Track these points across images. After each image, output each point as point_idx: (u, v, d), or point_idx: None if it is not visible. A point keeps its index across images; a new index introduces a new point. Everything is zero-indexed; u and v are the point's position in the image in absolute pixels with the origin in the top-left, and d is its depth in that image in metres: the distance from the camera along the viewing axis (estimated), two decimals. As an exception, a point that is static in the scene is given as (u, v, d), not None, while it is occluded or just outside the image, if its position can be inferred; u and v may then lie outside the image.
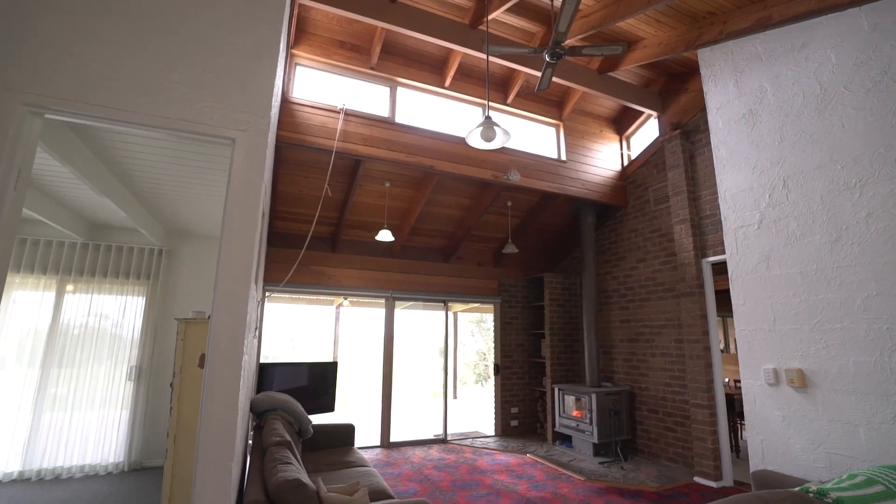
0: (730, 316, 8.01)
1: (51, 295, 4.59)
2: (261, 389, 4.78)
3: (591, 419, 5.18)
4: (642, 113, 5.76)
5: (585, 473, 4.59)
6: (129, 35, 1.85)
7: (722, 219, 3.49)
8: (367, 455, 5.31)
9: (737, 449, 5.24)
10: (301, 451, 3.79)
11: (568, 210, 6.21)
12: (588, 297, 5.83)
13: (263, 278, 5.30)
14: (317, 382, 5.23)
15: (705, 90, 3.73)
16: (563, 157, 5.60)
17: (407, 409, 9.10)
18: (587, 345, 5.72)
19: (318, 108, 4.35)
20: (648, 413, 5.27)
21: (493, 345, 6.75)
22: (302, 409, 3.92)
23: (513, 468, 4.82)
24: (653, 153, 5.59)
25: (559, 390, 5.83)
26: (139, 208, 4.12)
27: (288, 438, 2.90)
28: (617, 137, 6.14)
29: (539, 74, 4.29)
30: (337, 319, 10.15)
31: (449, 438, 6.13)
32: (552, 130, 5.75)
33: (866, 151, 2.60)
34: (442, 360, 6.45)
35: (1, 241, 1.58)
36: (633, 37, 4.38)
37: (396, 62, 4.80)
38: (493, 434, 6.42)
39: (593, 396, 5.19)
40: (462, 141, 4.90)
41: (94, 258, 4.78)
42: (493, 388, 6.64)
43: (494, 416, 6.51)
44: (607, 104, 5.83)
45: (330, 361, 5.38)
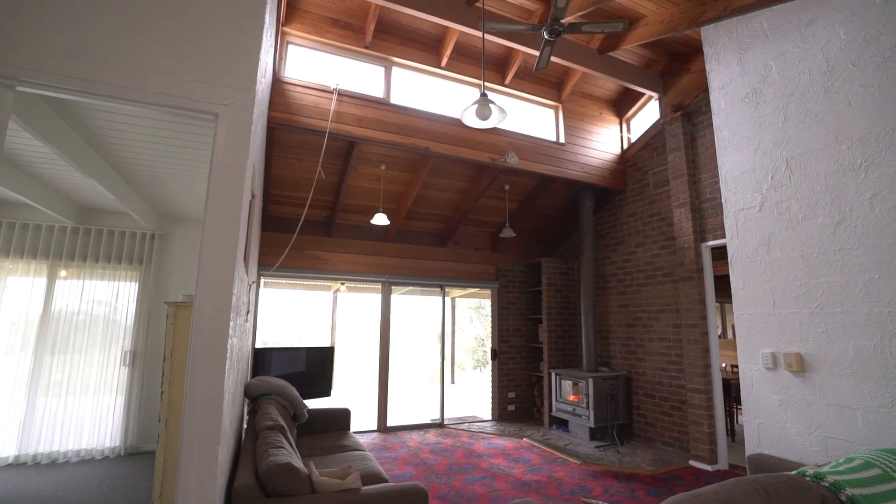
0: (727, 301, 7.99)
1: (42, 280, 4.53)
2: (256, 374, 4.76)
3: (588, 404, 5.18)
4: (643, 95, 5.65)
5: (581, 457, 4.60)
6: (104, 4, 1.76)
7: (722, 201, 3.42)
8: (364, 439, 5.32)
9: (732, 433, 5.25)
10: (296, 436, 3.78)
11: (566, 194, 6.13)
12: (586, 282, 5.79)
13: (258, 262, 5.24)
14: (313, 367, 5.21)
15: (708, 69, 3.63)
16: (562, 140, 5.50)
17: (405, 394, 9.13)
18: (584, 330, 5.69)
19: (311, 89, 4.24)
20: (645, 398, 5.27)
21: (491, 330, 6.74)
22: (297, 394, 3.90)
23: (509, 452, 4.83)
24: (653, 136, 5.50)
25: (556, 375, 5.82)
26: (129, 191, 4.03)
27: (281, 423, 2.87)
28: (617, 120, 6.03)
29: (537, 54, 4.17)
30: (334, 305, 10.13)
31: (446, 423, 6.14)
32: (551, 112, 5.64)
33: (873, 130, 2.53)
34: (439, 346, 6.44)
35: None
36: (635, 14, 4.25)
37: (391, 41, 4.67)
38: (490, 419, 6.44)
39: (590, 381, 5.18)
40: (459, 122, 4.80)
41: (86, 243, 4.71)
42: (491, 373, 6.64)
43: (491, 401, 6.52)
44: (607, 85, 5.71)
45: (326, 346, 5.36)
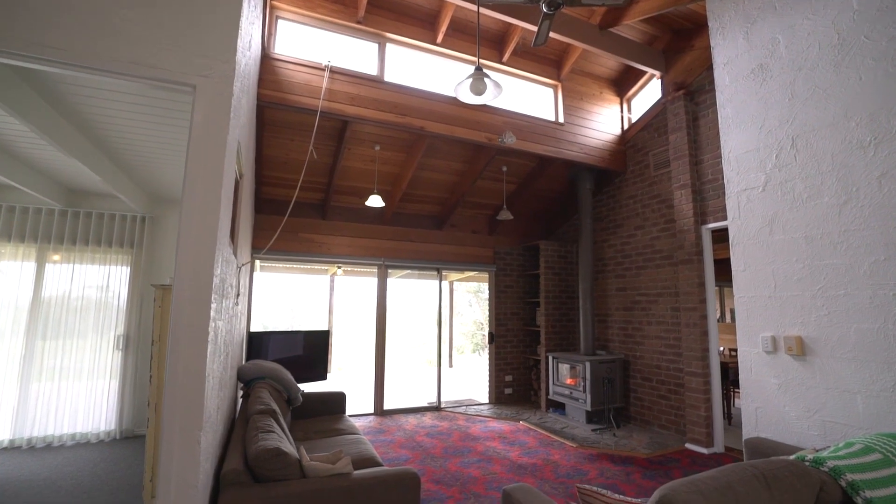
0: (726, 285, 7.94)
1: (31, 265, 4.45)
2: (251, 358, 4.72)
3: (585, 387, 5.17)
4: (644, 73, 5.50)
5: (577, 440, 4.60)
6: (72, -33, 1.64)
7: (725, 182, 3.33)
8: (361, 423, 5.32)
9: (728, 416, 5.25)
10: (290, 420, 3.75)
11: (565, 176, 6.02)
12: (584, 265, 5.73)
13: (252, 245, 5.17)
14: (309, 351, 5.18)
15: (713, 44, 3.50)
16: (561, 120, 5.37)
17: (402, 378, 9.15)
18: (582, 313, 5.65)
19: (302, 65, 4.10)
20: (642, 381, 5.26)
21: (487, 308, 6.70)
22: (291, 377, 3.86)
23: (505, 435, 4.83)
24: (654, 116, 5.37)
25: (553, 358, 5.80)
26: (115, 172, 3.92)
27: (273, 407, 2.83)
28: (617, 100, 5.89)
29: (536, 29, 4.03)
30: (332, 289, 10.09)
31: (443, 406, 6.14)
32: (550, 91, 5.50)
33: (884, 106, 2.43)
34: (436, 329, 6.40)
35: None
36: (638, -13, 4.10)
37: (385, 16, 4.51)
38: (487, 402, 6.45)
39: (587, 365, 5.15)
40: (454, 101, 4.67)
41: (75, 226, 4.62)
42: (488, 357, 6.62)
43: (488, 385, 6.52)
44: (608, 63, 5.56)
45: (322, 330, 5.31)
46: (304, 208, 5.60)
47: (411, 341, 12.65)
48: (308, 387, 4.87)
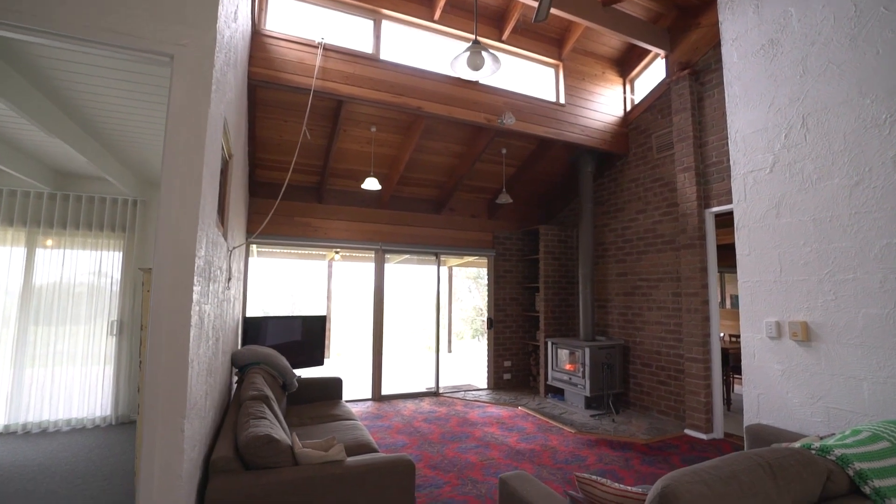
0: (727, 271, 7.85)
1: (21, 250, 4.36)
2: (247, 344, 4.67)
3: (584, 373, 5.13)
4: (648, 53, 5.33)
5: (576, 426, 4.57)
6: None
7: (731, 163, 3.23)
8: (358, 408, 5.30)
9: (728, 402, 5.22)
10: (286, 405, 3.71)
11: (566, 158, 5.90)
12: (584, 250, 5.64)
13: (247, 229, 5.08)
14: (306, 336, 5.13)
15: (721, 19, 3.36)
16: (562, 101, 5.23)
17: (401, 364, 9.15)
18: (582, 298, 5.59)
19: (294, 42, 3.96)
20: (642, 367, 5.22)
21: (486, 294, 6.64)
22: (286, 363, 3.81)
23: (504, 421, 4.81)
24: (658, 97, 5.23)
25: (552, 344, 5.76)
26: (102, 152, 3.81)
27: (266, 392, 2.78)
28: (620, 80, 5.73)
29: (536, 4, 3.87)
30: (330, 274, 10.03)
31: (441, 391, 6.12)
32: (551, 71, 5.35)
33: (901, 82, 2.31)
34: (434, 314, 6.35)
35: None
36: (643, -40, 3.93)
37: (381, -9, 4.35)
38: (486, 387, 6.43)
39: (587, 350, 5.11)
40: (453, 80, 4.54)
41: (65, 209, 4.52)
42: (487, 343, 6.58)
43: (487, 370, 6.49)
44: (611, 42, 5.39)
45: (319, 315, 5.25)
46: (300, 192, 5.50)
47: (410, 327, 12.64)
48: (305, 372, 4.83)
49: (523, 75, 5.17)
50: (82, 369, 4.51)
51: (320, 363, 5.18)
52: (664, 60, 5.09)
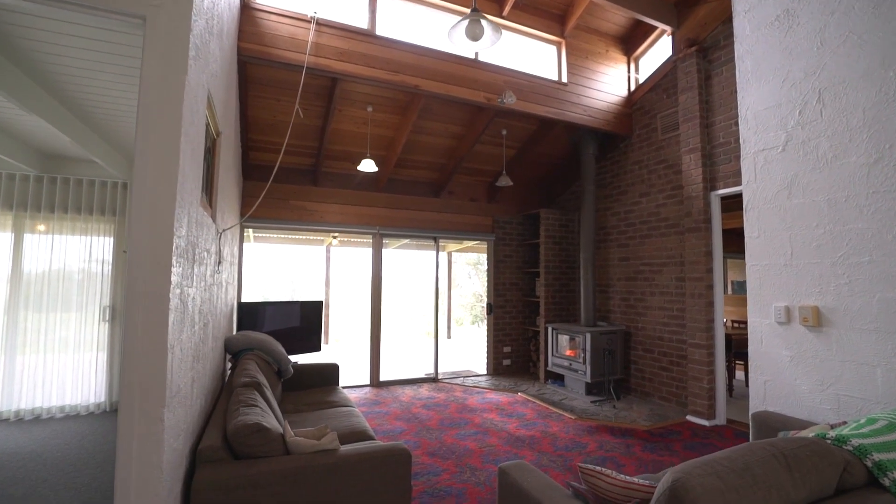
0: (729, 256, 7.77)
1: (7, 235, 4.24)
2: (242, 329, 4.58)
3: (585, 358, 5.06)
4: (654, 30, 5.15)
5: (576, 412, 4.52)
6: None
7: (740, 142, 3.10)
8: (356, 394, 5.24)
9: (730, 388, 5.17)
10: (280, 392, 3.64)
11: (567, 140, 5.75)
12: (586, 234, 5.53)
13: (241, 213, 4.97)
14: (302, 322, 5.04)
15: (733, -10, 3.19)
16: (564, 80, 5.06)
17: (401, 350, 9.10)
18: (583, 283, 5.49)
19: (286, 16, 3.79)
20: (643, 353, 5.14)
21: (486, 280, 6.55)
22: (281, 349, 3.73)
23: (503, 407, 4.75)
24: (663, 75, 5.06)
25: (553, 330, 5.68)
26: (86, 132, 3.67)
27: (258, 379, 2.70)
28: (624, 59, 5.55)
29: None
30: (328, 260, 9.93)
31: (440, 377, 6.07)
32: (553, 49, 5.17)
33: (927, 51, 2.18)
34: (433, 300, 6.26)
35: None
36: (652, -72, 3.74)
37: (376, -37, 4.16)
38: (485, 373, 6.37)
39: (587, 336, 5.03)
40: (451, 58, 4.37)
41: (52, 193, 4.39)
42: (486, 328, 6.51)
43: (487, 356, 6.43)
44: (615, 19, 5.20)
45: (315, 300, 5.16)
46: (295, 174, 5.36)
47: (410, 313, 12.59)
48: (302, 358, 4.76)
49: (524, 53, 4.99)
50: (75, 356, 4.43)
51: (317, 349, 5.10)
52: (670, 37, 4.91)
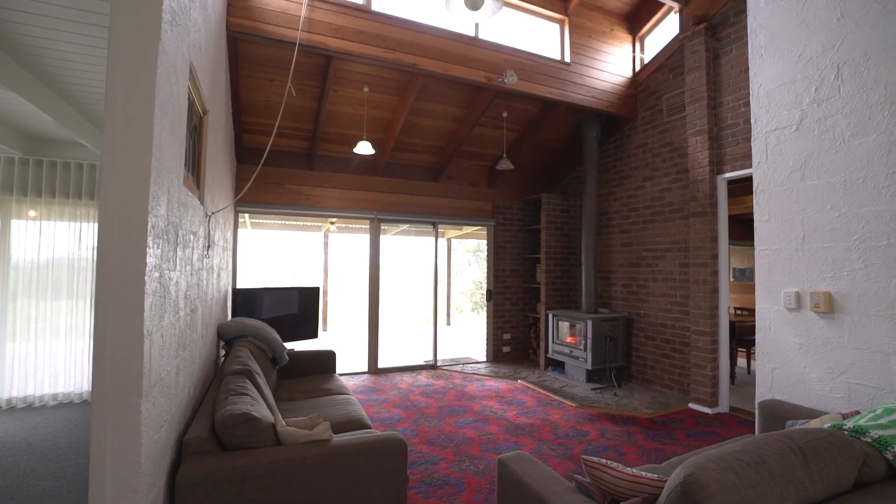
0: (731, 243, 7.68)
1: (-5, 217, 4.14)
2: (236, 316, 4.49)
3: (586, 345, 4.98)
4: (661, 7, 4.97)
5: (577, 400, 4.45)
6: None
7: (752, 121, 2.96)
8: (354, 382, 5.17)
9: (732, 376, 5.10)
10: (276, 380, 3.56)
11: (570, 123, 5.59)
12: (588, 220, 5.41)
13: (235, 198, 4.85)
14: (298, 309, 4.95)
15: (746, -40, 3.03)
16: (567, 59, 4.90)
17: (399, 337, 9.04)
18: (585, 270, 5.39)
19: (277, -10, 3.62)
20: (645, 340, 5.07)
21: (485, 267, 6.45)
22: (276, 335, 3.64)
23: (503, 394, 4.69)
24: (670, 55, 4.89)
25: (553, 316, 5.60)
26: (68, 111, 3.53)
27: (250, 366, 2.61)
28: (629, 38, 5.37)
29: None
30: (326, 246, 9.82)
31: (439, 364, 6.01)
32: (555, 27, 4.99)
33: (957, 20, 2.04)
34: (432, 286, 6.17)
35: None
36: None
37: (372, -66, 3.97)
38: (485, 360, 6.31)
39: (589, 323, 4.94)
40: (450, 36, 4.21)
41: (38, 176, 4.25)
42: (486, 315, 6.43)
43: (486, 343, 6.36)
44: (621, -4, 5.02)
45: (312, 287, 5.07)
46: (290, 158, 5.22)
47: (409, 300, 12.52)
48: (299, 345, 4.68)
49: (526, 31, 4.82)
50: (67, 343, 4.35)
51: (314, 336, 5.02)
52: (678, 15, 4.74)
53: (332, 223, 8.71)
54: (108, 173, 1.34)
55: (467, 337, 8.94)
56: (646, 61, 5.30)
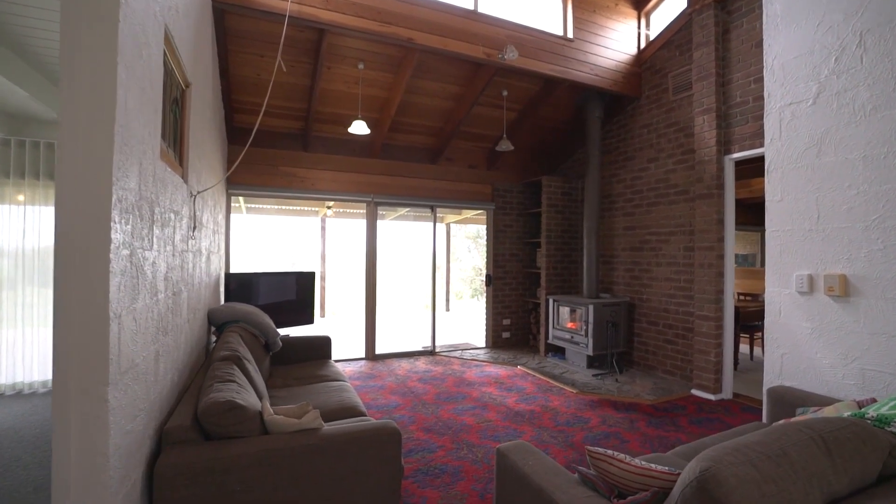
0: (737, 228, 7.57)
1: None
2: (229, 301, 4.39)
3: (587, 331, 4.89)
4: (669, -20, 4.76)
5: (578, 386, 4.37)
6: None
7: (765, 96, 2.82)
8: (351, 368, 5.09)
9: (735, 362, 5.01)
10: (268, 366, 3.47)
11: (572, 102, 5.42)
12: (590, 203, 5.28)
13: (228, 180, 4.71)
14: (294, 294, 4.85)
15: (762, -77, 2.85)
16: (570, 35, 4.71)
17: (398, 323, 8.97)
18: (586, 254, 5.27)
19: (265, -42, 3.43)
20: (648, 325, 4.97)
21: (485, 252, 6.33)
22: (269, 321, 3.54)
23: (502, 380, 4.60)
24: (677, 31, 4.70)
25: (554, 301, 5.49)
26: (48, 87, 3.37)
27: (239, 352, 2.51)
28: (635, 13, 5.17)
29: None
30: (323, 231, 9.68)
31: (437, 350, 5.92)
32: (558, 1, 4.79)
33: None
34: (430, 270, 6.05)
35: None
36: None
37: None
38: (484, 346, 6.23)
39: (590, 308, 4.84)
40: (449, 9, 4.02)
41: (21, 157, 4.09)
42: (485, 300, 6.33)
43: (485, 328, 6.28)
44: (627, -32, 4.81)
45: (307, 272, 4.95)
46: (283, 138, 5.06)
47: (408, 286, 12.43)
48: (295, 331, 4.59)
49: (527, 5, 4.62)
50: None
51: (310, 322, 4.92)
52: (686, -12, 4.54)
53: (329, 207, 8.57)
54: (66, 135, 1.21)
55: (466, 323, 8.86)
56: (651, 38, 5.11)
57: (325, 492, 1.82)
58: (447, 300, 11.00)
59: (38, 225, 4.16)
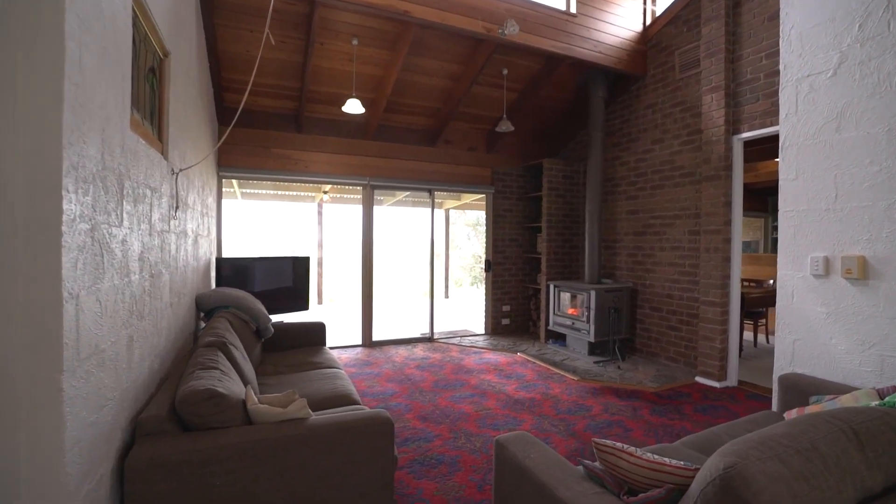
0: (743, 215, 7.40)
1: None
2: (220, 286, 4.26)
3: (589, 317, 4.77)
4: (677, -49, 4.54)
5: (579, 373, 4.27)
6: None
7: (781, 68, 2.66)
8: (347, 355, 4.99)
9: (740, 348, 4.91)
10: (260, 353, 3.35)
11: (574, 82, 5.23)
12: (592, 186, 5.12)
13: (219, 163, 4.56)
14: (288, 279, 4.72)
15: None
16: (573, 10, 4.51)
17: (396, 309, 8.86)
18: (588, 239, 5.14)
19: (251, -78, 3.23)
20: (651, 311, 4.86)
21: (485, 240, 6.19)
22: (260, 306, 3.42)
23: (501, 367, 4.50)
24: (684, 6, 4.50)
25: (555, 287, 5.37)
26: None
27: (225, 338, 2.39)
28: (641, -12, 4.96)
29: None
30: (320, 216, 9.53)
31: (436, 337, 5.82)
32: (562, -26, 4.59)
33: None
34: (429, 256, 5.92)
35: None
36: None
37: None
38: (483, 333, 6.13)
39: (592, 293, 4.72)
40: (447, -21, 3.82)
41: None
42: (485, 286, 6.21)
43: (485, 315, 6.17)
44: (634, -61, 4.59)
45: (302, 256, 4.82)
46: (276, 119, 4.89)
47: (406, 272, 12.32)
48: (290, 318, 4.47)
49: (529, -23, 4.41)
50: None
51: (305, 308, 4.80)
52: (695, -41, 4.33)
53: (326, 192, 8.41)
54: (2, 88, 1.06)
55: (466, 310, 8.75)
56: (657, 14, 4.91)
57: (313, 484, 1.71)
58: (446, 287, 10.89)
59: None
